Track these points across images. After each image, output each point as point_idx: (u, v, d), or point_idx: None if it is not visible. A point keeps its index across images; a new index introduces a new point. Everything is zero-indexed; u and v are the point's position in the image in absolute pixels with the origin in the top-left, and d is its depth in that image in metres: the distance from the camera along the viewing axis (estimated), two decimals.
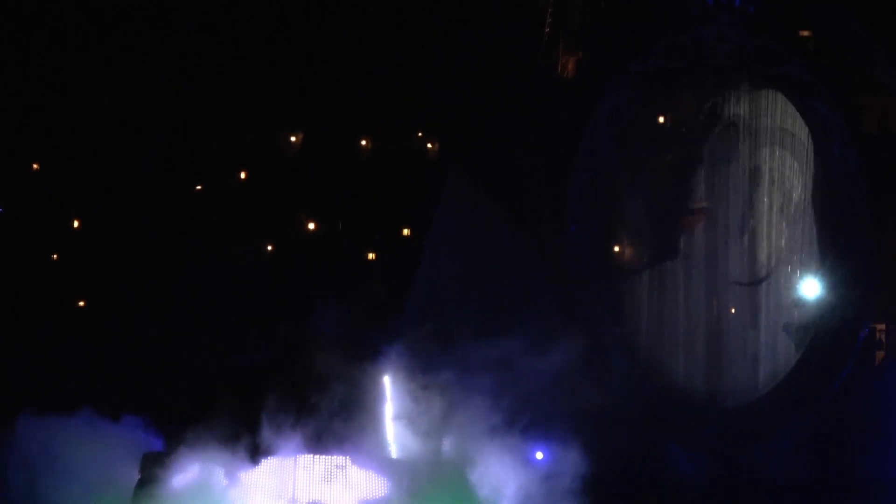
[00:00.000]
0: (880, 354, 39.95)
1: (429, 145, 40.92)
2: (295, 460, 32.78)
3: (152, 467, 33.00)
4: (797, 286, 39.94)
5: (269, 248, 40.34)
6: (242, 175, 40.69)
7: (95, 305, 40.06)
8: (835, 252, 39.59)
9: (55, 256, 40.54)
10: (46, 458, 32.90)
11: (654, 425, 39.72)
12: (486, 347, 36.97)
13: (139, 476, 33.11)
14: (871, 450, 37.88)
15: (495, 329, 37.53)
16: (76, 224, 40.83)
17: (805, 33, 40.12)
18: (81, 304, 39.94)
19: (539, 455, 35.83)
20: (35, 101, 40.69)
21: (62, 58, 40.68)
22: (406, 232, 40.36)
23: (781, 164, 40.42)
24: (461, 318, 38.07)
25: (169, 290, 39.29)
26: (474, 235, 39.08)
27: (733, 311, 40.45)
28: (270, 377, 34.98)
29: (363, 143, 40.86)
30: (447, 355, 36.60)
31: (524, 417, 34.79)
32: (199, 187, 40.52)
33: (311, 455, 32.80)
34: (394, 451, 34.76)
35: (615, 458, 36.70)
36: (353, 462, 33.03)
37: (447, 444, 34.33)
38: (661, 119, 40.87)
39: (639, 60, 40.25)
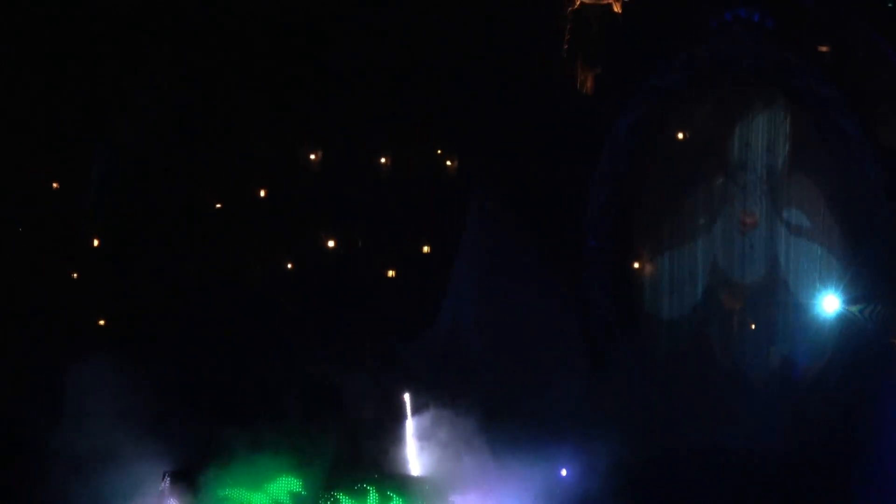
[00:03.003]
0: None
1: (448, 162, 40.94)
2: None
3: (174, 488, 32.83)
4: (817, 301, 39.87)
5: (290, 265, 40.36)
6: (262, 193, 40.73)
7: (113, 324, 40.03)
8: (855, 266, 39.54)
9: (75, 275, 40.53)
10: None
11: (671, 436, 39.71)
12: (508, 364, 37.13)
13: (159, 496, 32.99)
14: (891, 465, 37.82)
15: (518, 347, 37.67)
16: (96, 242, 40.89)
17: (824, 48, 40.08)
18: (101, 322, 39.92)
19: (563, 472, 35.91)
20: (54, 115, 40.66)
21: (82, 71, 40.67)
22: (426, 249, 40.37)
23: (801, 179, 40.39)
24: (483, 335, 38.18)
25: (189, 308, 39.29)
26: (495, 251, 39.09)
27: (753, 326, 40.43)
28: (296, 396, 35.10)
29: (383, 160, 40.90)
30: (469, 373, 36.77)
31: (547, 434, 34.95)
32: (218, 206, 40.58)
33: None
34: (415, 470, 34.86)
35: (633, 468, 36.73)
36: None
37: (468, 464, 34.48)
38: (681, 134, 40.82)
39: (657, 75, 40.23)
